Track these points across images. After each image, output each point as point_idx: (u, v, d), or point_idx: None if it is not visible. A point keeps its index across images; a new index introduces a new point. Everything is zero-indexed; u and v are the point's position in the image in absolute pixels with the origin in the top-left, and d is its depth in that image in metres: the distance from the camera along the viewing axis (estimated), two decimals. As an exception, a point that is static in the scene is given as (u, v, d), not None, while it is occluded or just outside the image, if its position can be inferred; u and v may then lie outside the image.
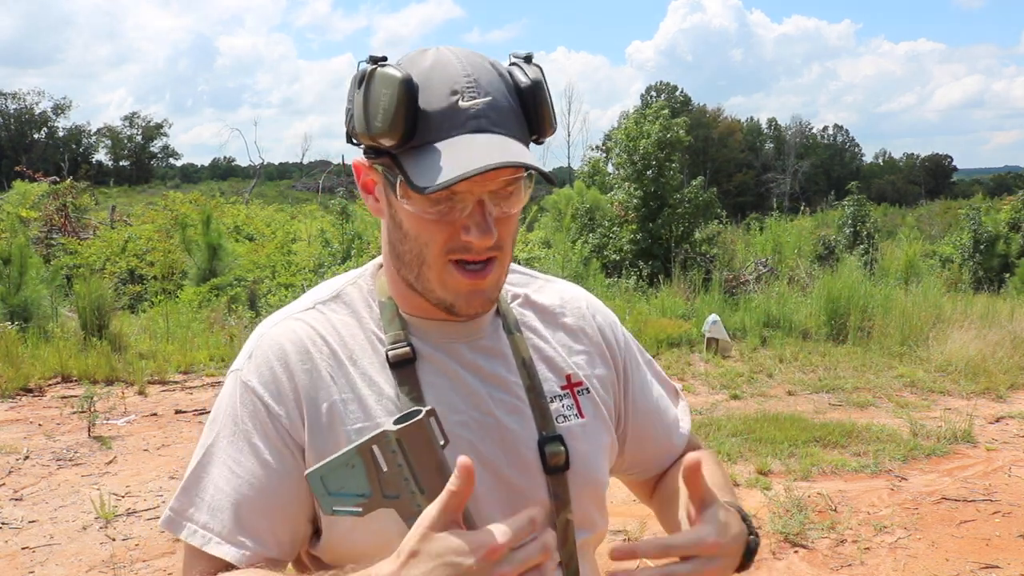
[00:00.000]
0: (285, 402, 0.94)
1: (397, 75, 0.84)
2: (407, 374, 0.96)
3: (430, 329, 1.00)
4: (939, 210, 29.48)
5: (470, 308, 0.94)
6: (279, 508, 0.93)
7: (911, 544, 4.04)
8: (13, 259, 8.54)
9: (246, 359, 0.99)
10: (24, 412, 6.19)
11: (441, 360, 0.99)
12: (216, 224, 11.72)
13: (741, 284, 11.64)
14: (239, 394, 0.96)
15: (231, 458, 0.94)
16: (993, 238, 14.57)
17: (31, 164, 23.84)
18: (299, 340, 0.97)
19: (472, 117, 0.86)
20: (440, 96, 0.86)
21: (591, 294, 1.19)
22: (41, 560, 3.83)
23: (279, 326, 1.00)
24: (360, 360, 0.97)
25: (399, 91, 0.84)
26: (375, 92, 0.86)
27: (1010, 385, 7.15)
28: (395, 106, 0.84)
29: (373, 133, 0.87)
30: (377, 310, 1.01)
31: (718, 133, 53.42)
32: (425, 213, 0.89)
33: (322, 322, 0.99)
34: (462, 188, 0.87)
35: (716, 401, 6.75)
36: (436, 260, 0.91)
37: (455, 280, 0.92)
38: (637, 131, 13.80)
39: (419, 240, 0.92)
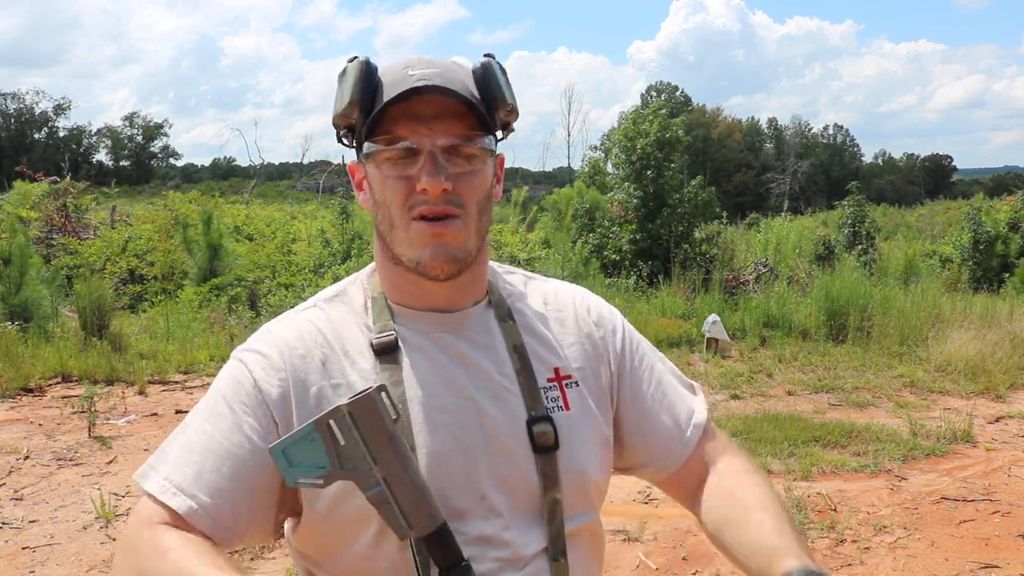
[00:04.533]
0: (274, 380, 0.99)
1: (360, 58, 0.99)
2: (390, 360, 1.01)
3: (419, 320, 1.05)
4: (939, 210, 29.48)
5: (435, 263, 0.99)
6: (245, 476, 0.95)
7: (911, 544, 4.04)
8: (14, 259, 8.54)
9: (247, 349, 1.04)
10: (24, 412, 6.20)
11: (426, 347, 1.04)
12: (217, 224, 11.72)
13: (741, 284, 11.64)
14: (232, 367, 1.02)
15: (207, 420, 0.98)
16: (992, 238, 14.56)
17: (31, 164, 23.82)
18: (298, 332, 1.04)
19: (419, 79, 0.96)
20: (395, 70, 1.00)
21: (592, 293, 1.22)
22: (41, 560, 3.84)
23: (282, 321, 1.07)
24: (351, 351, 1.03)
25: (359, 68, 0.98)
26: (344, 80, 1.00)
27: (1010, 385, 7.15)
28: (355, 81, 0.98)
29: (341, 111, 0.99)
30: (370, 305, 1.07)
31: (718, 133, 53.40)
32: (387, 171, 0.99)
33: (321, 318, 1.06)
34: (413, 139, 0.97)
35: (716, 401, 6.75)
36: (400, 218, 0.99)
37: (418, 232, 0.98)
38: (635, 131, 13.80)
39: (386, 203, 1.00)
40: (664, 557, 3.91)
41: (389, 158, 0.98)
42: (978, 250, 14.52)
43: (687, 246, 13.12)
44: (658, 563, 3.85)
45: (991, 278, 13.93)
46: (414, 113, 0.97)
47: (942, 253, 15.81)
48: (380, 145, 0.98)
